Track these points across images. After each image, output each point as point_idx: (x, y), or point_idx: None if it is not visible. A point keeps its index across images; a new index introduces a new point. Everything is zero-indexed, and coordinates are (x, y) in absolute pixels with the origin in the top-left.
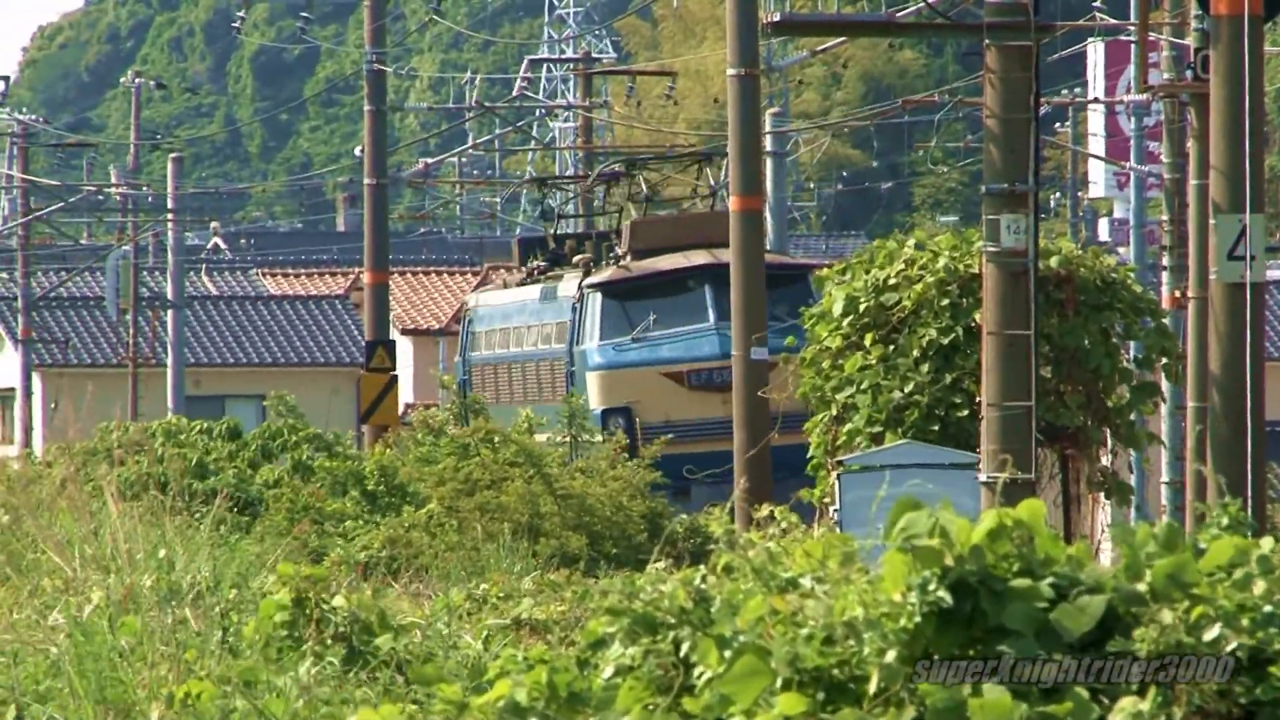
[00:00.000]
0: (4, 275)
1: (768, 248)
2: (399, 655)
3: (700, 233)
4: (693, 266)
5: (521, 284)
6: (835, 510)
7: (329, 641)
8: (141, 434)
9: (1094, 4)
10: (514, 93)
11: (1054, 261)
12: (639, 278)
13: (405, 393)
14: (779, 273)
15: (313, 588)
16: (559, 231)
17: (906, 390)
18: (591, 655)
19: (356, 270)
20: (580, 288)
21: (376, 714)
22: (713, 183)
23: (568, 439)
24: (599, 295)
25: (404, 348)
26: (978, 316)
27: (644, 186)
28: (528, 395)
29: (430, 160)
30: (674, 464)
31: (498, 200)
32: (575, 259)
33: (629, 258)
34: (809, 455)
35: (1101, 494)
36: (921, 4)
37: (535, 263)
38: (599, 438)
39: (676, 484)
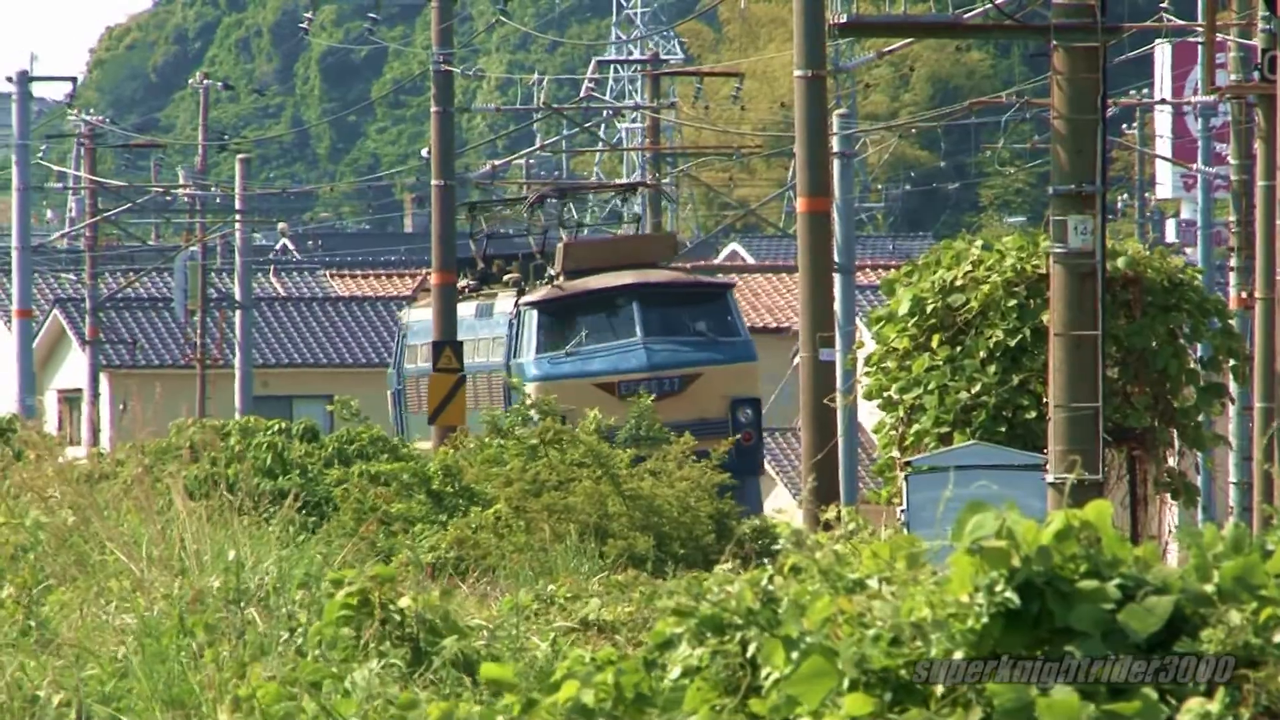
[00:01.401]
0: (71, 276)
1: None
2: (465, 656)
3: (628, 254)
4: (621, 285)
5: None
6: (903, 511)
7: (395, 642)
8: (214, 433)
9: (1161, 5)
10: (581, 94)
11: (1121, 263)
12: (572, 296)
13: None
14: (697, 290)
15: (379, 588)
16: (487, 252)
17: (974, 391)
18: (659, 656)
19: (424, 271)
20: (517, 305)
21: (442, 707)
22: (638, 209)
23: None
24: (535, 312)
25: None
26: (1045, 317)
27: (574, 212)
28: (477, 404)
29: (497, 161)
30: None
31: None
32: (505, 277)
33: (562, 277)
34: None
35: (1168, 495)
36: (989, 5)
37: (465, 281)
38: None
39: None
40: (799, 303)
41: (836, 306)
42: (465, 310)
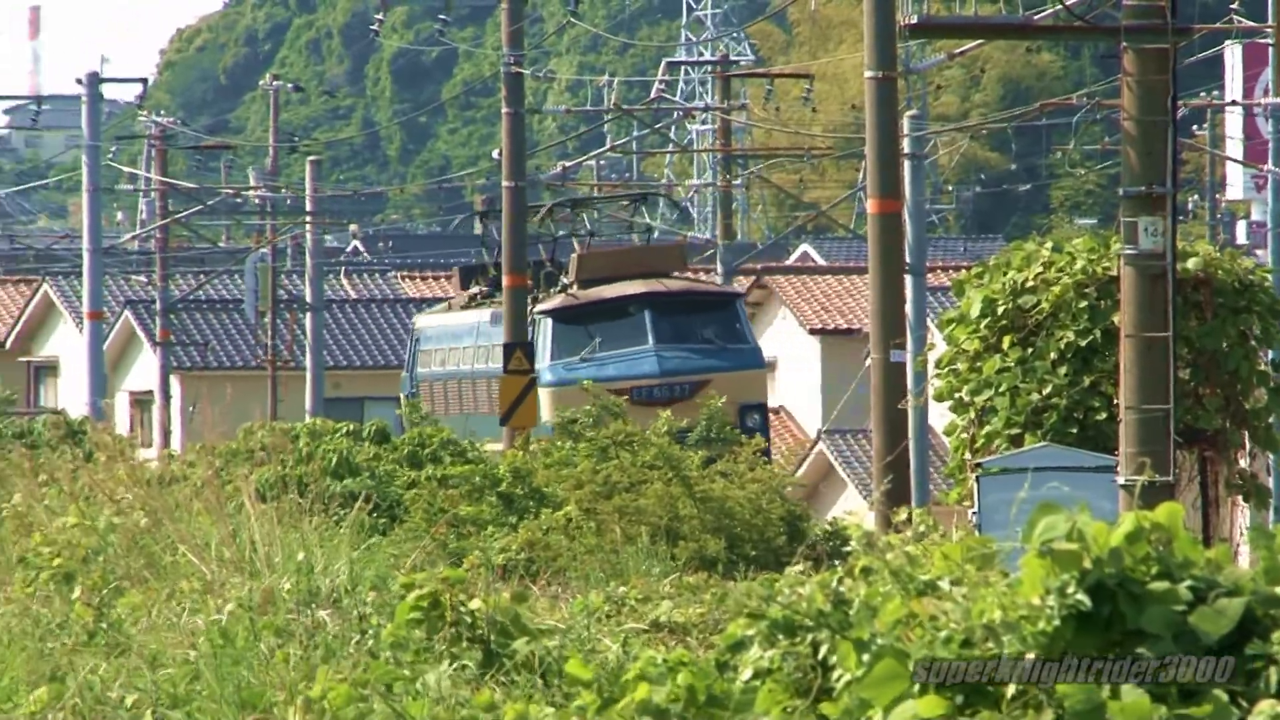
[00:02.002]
0: (142, 278)
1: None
2: (537, 658)
3: (640, 264)
4: (633, 294)
5: (465, 308)
6: (974, 513)
7: (466, 644)
8: (283, 436)
9: (1231, 6)
10: (652, 95)
11: (1192, 264)
12: (585, 304)
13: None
14: (706, 298)
15: (449, 590)
16: (499, 260)
17: (1045, 393)
18: (730, 658)
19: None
20: (532, 313)
21: (518, 707)
22: (648, 219)
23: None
24: (550, 320)
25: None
26: (1116, 319)
27: (587, 222)
28: (479, 408)
29: (568, 163)
30: None
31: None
32: None
33: (576, 286)
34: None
35: (1240, 497)
36: (1059, 6)
37: (477, 288)
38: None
39: None
40: (869, 304)
41: (907, 308)
42: (479, 317)
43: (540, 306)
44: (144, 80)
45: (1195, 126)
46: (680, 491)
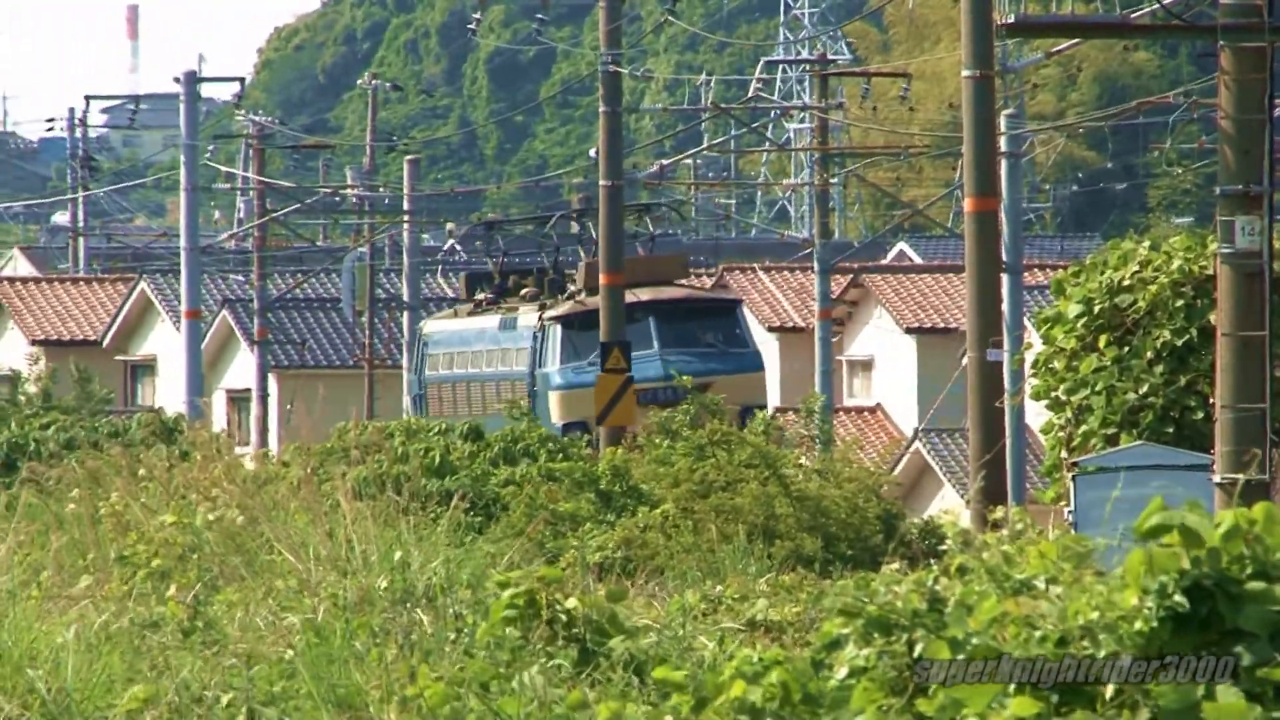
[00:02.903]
0: (240, 277)
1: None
2: (633, 657)
3: (645, 273)
4: (639, 302)
5: (472, 314)
6: (1070, 511)
7: (562, 643)
8: (379, 434)
9: None
10: (749, 94)
11: None
12: (593, 311)
13: None
14: (708, 305)
15: (545, 589)
16: (504, 268)
17: (1141, 392)
18: (826, 656)
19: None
20: (541, 319)
21: (612, 705)
22: (652, 228)
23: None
24: (559, 326)
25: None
26: (1212, 318)
27: (592, 232)
28: (487, 410)
29: (665, 161)
30: None
31: (732, 202)
32: (523, 292)
33: (583, 294)
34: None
35: None
36: (1156, 5)
37: (482, 294)
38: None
39: None
40: (966, 303)
41: (1004, 307)
42: (488, 323)
43: (549, 313)
44: (242, 79)
45: None
46: (777, 490)
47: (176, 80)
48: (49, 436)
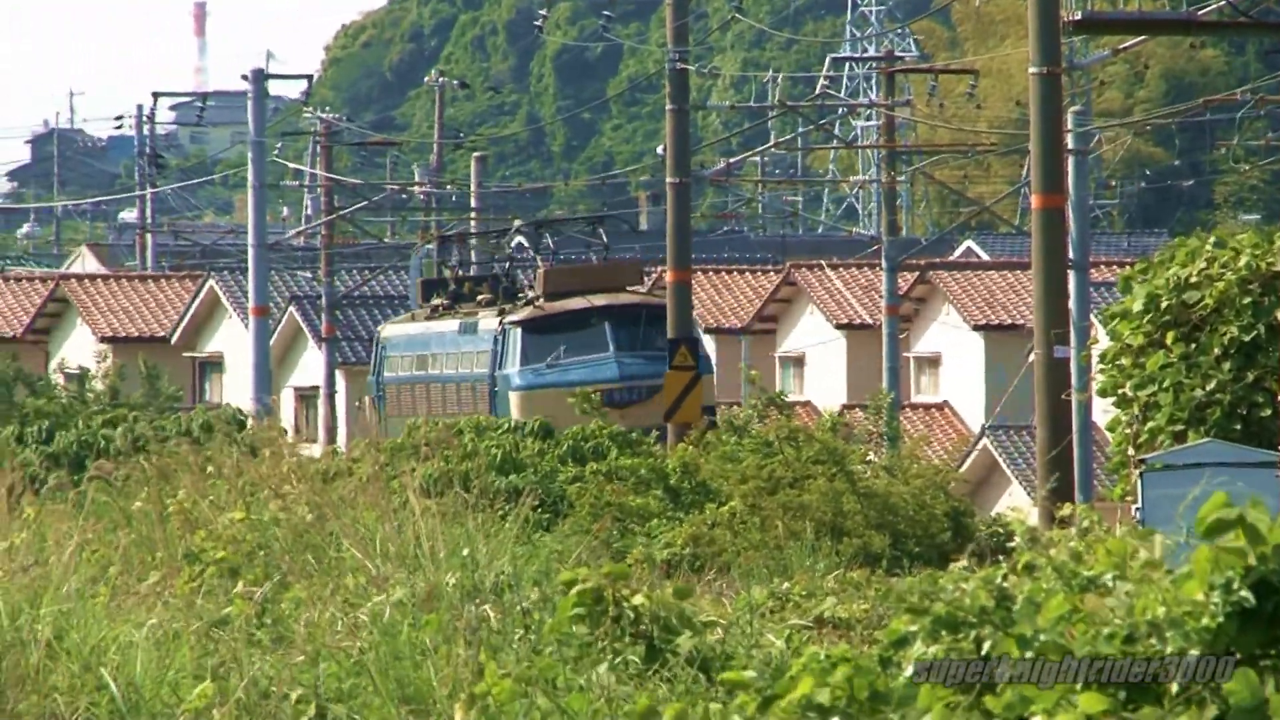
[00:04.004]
0: (307, 274)
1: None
2: (700, 654)
3: (601, 280)
4: (596, 306)
5: (430, 318)
6: (1137, 508)
7: (630, 640)
8: (447, 431)
9: None
10: (816, 91)
11: None
12: (551, 316)
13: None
14: (661, 311)
15: (612, 586)
16: (459, 275)
17: (1208, 388)
18: (893, 654)
19: (659, 269)
20: (502, 323)
21: (678, 706)
22: (604, 238)
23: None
24: (519, 330)
25: (706, 346)
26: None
27: (550, 242)
28: (446, 410)
29: (732, 159)
30: None
31: (799, 199)
32: (479, 298)
33: (542, 299)
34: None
35: None
36: (1223, 2)
37: (438, 300)
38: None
39: None
40: (1033, 300)
41: (1071, 303)
42: (446, 326)
43: (510, 318)
44: (309, 77)
45: None
46: (844, 487)
47: (244, 77)
48: (117, 434)
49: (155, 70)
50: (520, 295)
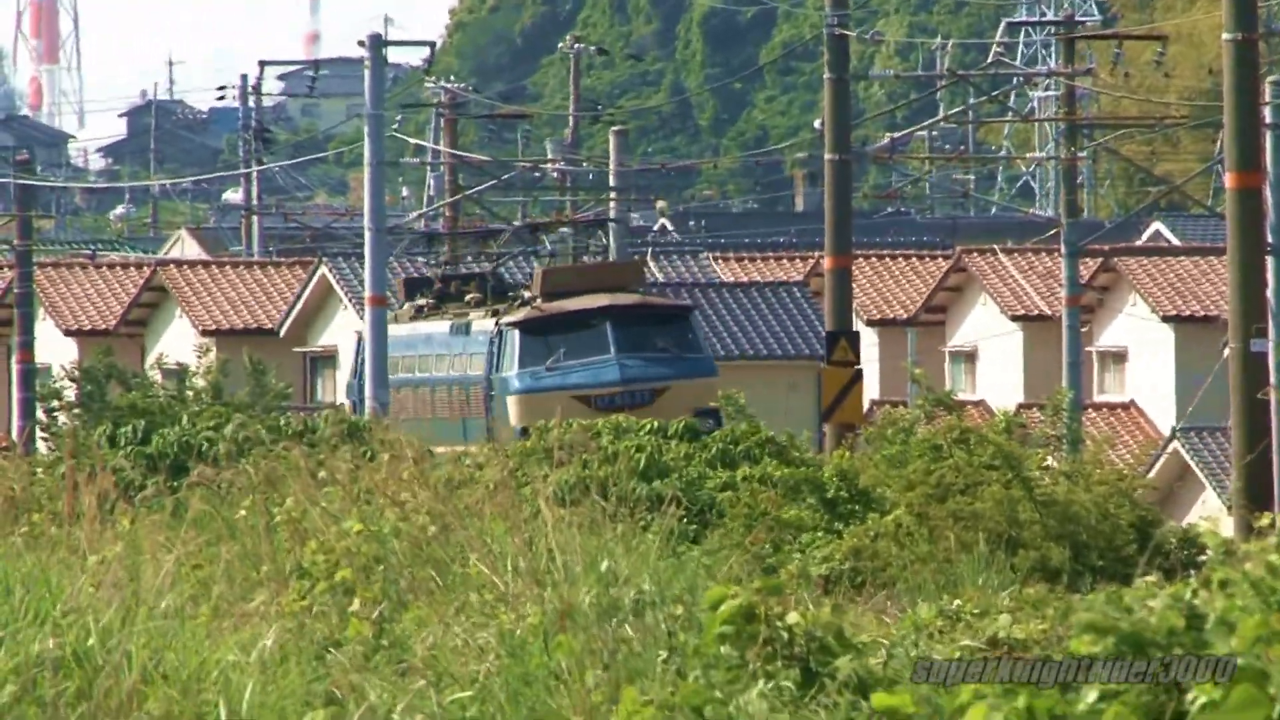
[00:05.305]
0: (429, 259)
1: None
2: (860, 678)
3: (600, 280)
4: (595, 308)
5: (414, 319)
6: None
7: (784, 663)
8: (584, 432)
9: None
10: (989, 59)
11: None
12: (550, 317)
13: (870, 388)
14: (662, 311)
15: (764, 602)
16: (445, 273)
17: None
18: (1074, 678)
19: (816, 254)
20: (498, 325)
21: None
22: (604, 239)
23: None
24: (516, 332)
25: (868, 339)
26: None
27: (546, 243)
28: (437, 413)
29: (897, 134)
30: None
31: (971, 178)
32: (467, 298)
33: (540, 300)
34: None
35: None
36: None
37: (423, 300)
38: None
39: None
40: (1228, 289)
41: (1270, 292)
42: (435, 327)
43: (506, 319)
44: (432, 44)
45: None
46: (1020, 494)
47: (360, 44)
48: (220, 436)
49: (262, 37)
50: (510, 295)
